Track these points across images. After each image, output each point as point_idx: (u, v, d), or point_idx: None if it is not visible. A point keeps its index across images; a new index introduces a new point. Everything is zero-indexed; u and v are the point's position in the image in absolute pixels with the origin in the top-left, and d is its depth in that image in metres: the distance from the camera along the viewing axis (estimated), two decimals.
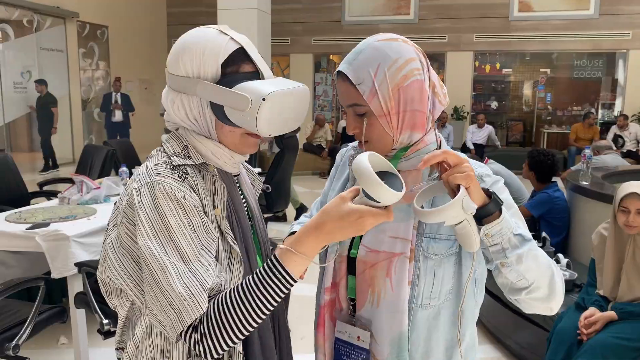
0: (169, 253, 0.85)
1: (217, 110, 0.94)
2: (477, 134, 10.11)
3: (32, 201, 3.94)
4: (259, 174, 5.36)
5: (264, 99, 0.88)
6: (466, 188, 0.89)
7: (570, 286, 2.92)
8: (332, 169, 1.31)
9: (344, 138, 9.98)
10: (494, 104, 12.51)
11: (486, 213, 0.93)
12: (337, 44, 11.81)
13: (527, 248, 0.95)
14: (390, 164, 0.88)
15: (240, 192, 1.08)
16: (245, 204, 1.08)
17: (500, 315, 3.18)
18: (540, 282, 0.97)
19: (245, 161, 1.11)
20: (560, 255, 3.16)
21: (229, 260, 0.96)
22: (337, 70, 1.06)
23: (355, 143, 1.22)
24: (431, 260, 1.03)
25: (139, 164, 6.25)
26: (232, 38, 0.96)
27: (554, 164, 3.72)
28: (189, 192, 0.90)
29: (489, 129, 10.11)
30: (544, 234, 3.38)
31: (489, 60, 12.05)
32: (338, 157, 1.31)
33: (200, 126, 0.97)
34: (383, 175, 0.84)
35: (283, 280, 0.85)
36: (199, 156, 0.97)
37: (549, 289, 0.98)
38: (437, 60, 11.96)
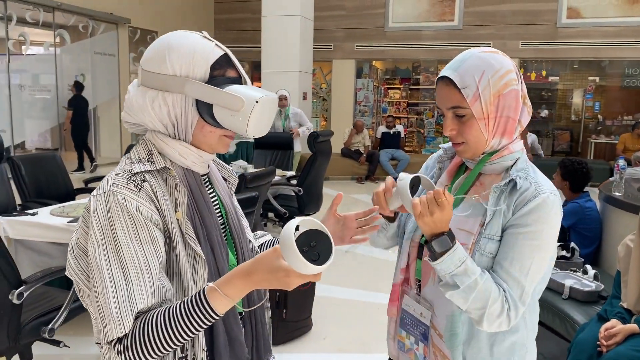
0: (112, 267, 0.91)
1: (203, 109, 0.99)
2: None
3: (77, 197, 4.17)
4: (292, 177, 5.43)
5: (257, 102, 0.95)
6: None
7: (596, 298, 2.87)
8: (423, 167, 1.44)
9: (382, 144, 9.97)
10: (544, 112, 12.22)
11: (427, 249, 1.12)
12: (380, 50, 11.83)
13: (457, 291, 1.09)
14: (324, 226, 0.89)
15: (211, 190, 1.13)
16: (217, 201, 1.13)
17: None
18: (470, 311, 1.12)
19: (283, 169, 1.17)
20: (588, 267, 3.11)
21: (193, 261, 1.00)
22: (440, 75, 1.18)
23: (447, 145, 1.35)
24: (485, 257, 1.16)
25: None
26: (216, 44, 1.02)
27: (588, 173, 3.66)
28: (144, 202, 0.95)
29: (531, 137, 9.89)
30: (572, 245, 3.33)
31: (534, 68, 11.81)
32: (432, 159, 1.43)
33: (179, 125, 1.01)
34: (316, 235, 0.87)
35: (207, 315, 0.89)
36: (161, 161, 1.01)
37: (478, 318, 1.12)
38: None
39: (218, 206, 1.13)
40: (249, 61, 13.31)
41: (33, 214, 3.19)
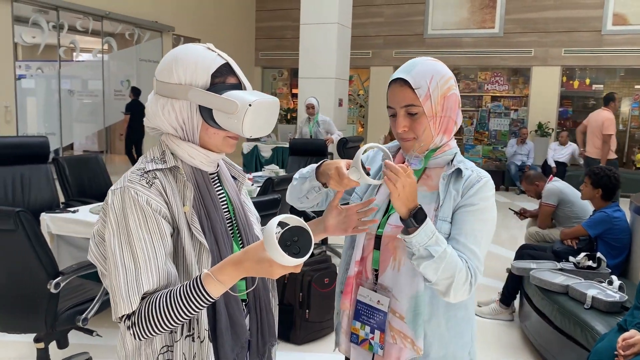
0: (124, 253, 1.04)
1: (205, 113, 1.10)
2: (560, 152, 9.71)
3: None
4: None
5: (250, 105, 1.07)
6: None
7: (618, 308, 2.84)
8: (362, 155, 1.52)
9: None
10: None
11: (406, 225, 1.22)
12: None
13: (429, 262, 1.21)
14: (305, 223, 1.00)
15: (220, 188, 1.25)
16: (225, 197, 1.24)
17: (547, 335, 3.14)
18: (438, 283, 1.25)
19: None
20: (613, 277, 3.07)
21: (199, 250, 1.11)
22: (394, 77, 1.34)
23: (391, 144, 1.48)
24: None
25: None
26: (218, 54, 1.14)
27: (618, 180, 3.61)
28: (154, 197, 1.07)
29: (572, 146, 9.67)
30: (599, 255, 3.29)
31: (577, 76, 11.53)
32: (369, 153, 1.52)
33: (186, 128, 1.13)
34: (296, 232, 0.97)
35: (202, 298, 1.01)
36: (172, 160, 1.13)
37: (445, 289, 1.25)
38: (522, 74, 11.63)
39: (225, 202, 1.24)
40: (288, 68, 13.53)
41: (74, 212, 3.40)
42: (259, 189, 3.75)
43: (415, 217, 1.20)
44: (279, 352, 3.17)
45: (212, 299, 1.02)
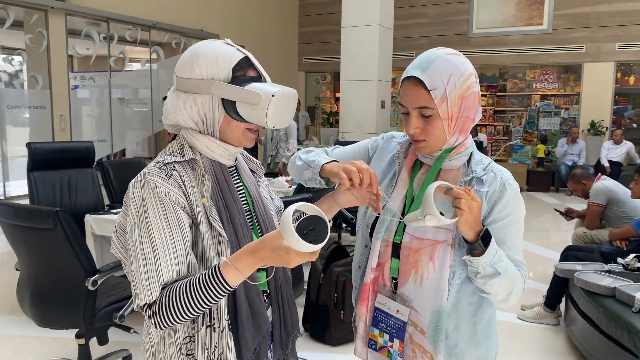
0: (144, 244, 1.05)
1: (228, 106, 1.12)
2: (614, 151, 9.29)
3: None
4: None
5: (273, 95, 1.09)
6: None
7: None
8: (368, 145, 1.48)
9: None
10: None
11: (472, 249, 1.18)
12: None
13: (495, 279, 1.19)
14: (321, 210, 0.98)
15: (238, 180, 1.26)
16: (243, 190, 1.25)
17: (593, 340, 2.99)
18: (498, 294, 1.24)
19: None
20: None
21: (218, 240, 1.12)
22: (408, 75, 1.23)
23: (403, 139, 1.42)
24: (463, 248, 1.23)
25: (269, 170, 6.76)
26: (237, 49, 1.16)
27: None
28: (173, 188, 1.09)
29: (627, 145, 9.25)
30: None
31: (633, 71, 11.01)
32: (380, 139, 1.48)
33: (207, 122, 1.15)
34: (313, 220, 0.97)
35: (221, 287, 1.02)
36: (190, 153, 1.15)
37: (504, 298, 1.25)
38: (573, 71, 11.23)
39: (244, 194, 1.25)
40: (331, 72, 13.55)
41: (116, 213, 3.51)
42: (294, 189, 3.76)
43: (484, 240, 1.16)
44: (314, 353, 3.17)
45: (231, 287, 1.03)
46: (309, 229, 0.96)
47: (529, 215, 7.52)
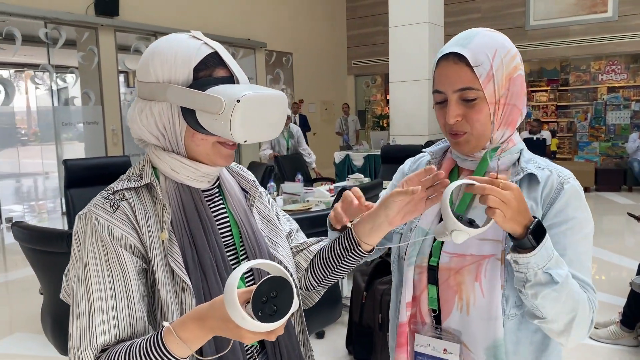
0: (80, 296, 0.85)
1: (189, 116, 0.89)
2: None
3: None
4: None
5: (238, 101, 0.83)
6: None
7: None
8: (399, 175, 1.26)
9: None
10: None
11: (519, 245, 0.91)
12: (522, 51, 10.87)
13: (550, 289, 0.91)
14: (285, 271, 0.76)
15: (222, 206, 1.01)
16: (227, 219, 1.00)
17: None
18: (556, 319, 0.94)
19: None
20: None
21: (181, 290, 0.88)
22: (446, 52, 1.01)
23: (434, 148, 1.18)
24: None
25: (309, 178, 6.58)
26: (205, 42, 0.92)
27: None
28: (117, 223, 0.87)
29: None
30: None
31: None
32: (409, 163, 1.25)
33: (169, 136, 0.92)
34: (276, 284, 0.74)
35: (164, 359, 0.79)
36: (149, 176, 0.93)
37: (564, 327, 0.95)
38: None
39: (228, 224, 1.00)
40: (381, 74, 13.25)
41: None
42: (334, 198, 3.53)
43: (535, 233, 0.90)
44: None
45: (180, 358, 0.79)
46: (269, 296, 0.72)
47: (597, 215, 6.93)
